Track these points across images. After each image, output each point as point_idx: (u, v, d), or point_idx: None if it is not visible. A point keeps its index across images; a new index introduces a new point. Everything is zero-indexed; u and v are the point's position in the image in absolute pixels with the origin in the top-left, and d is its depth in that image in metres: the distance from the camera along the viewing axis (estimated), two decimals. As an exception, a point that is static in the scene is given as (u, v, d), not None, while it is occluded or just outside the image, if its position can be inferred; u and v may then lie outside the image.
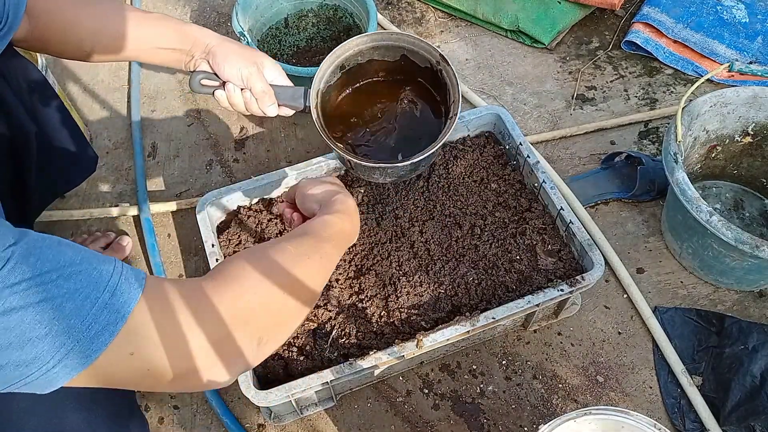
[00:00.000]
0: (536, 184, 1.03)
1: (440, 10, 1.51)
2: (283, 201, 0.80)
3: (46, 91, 0.87)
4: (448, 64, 0.87)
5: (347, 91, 0.95)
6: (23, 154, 0.83)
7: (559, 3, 1.41)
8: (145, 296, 0.49)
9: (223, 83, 0.84)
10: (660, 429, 0.73)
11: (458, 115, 0.85)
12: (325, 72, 0.89)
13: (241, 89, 0.84)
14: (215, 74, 0.83)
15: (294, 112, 0.89)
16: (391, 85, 0.95)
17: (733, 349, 0.96)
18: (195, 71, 0.84)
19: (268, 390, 0.82)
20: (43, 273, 0.44)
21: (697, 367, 0.97)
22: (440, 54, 0.88)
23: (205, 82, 0.84)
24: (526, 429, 0.93)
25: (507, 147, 1.10)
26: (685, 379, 0.95)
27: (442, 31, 1.47)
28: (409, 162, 0.84)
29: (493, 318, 0.87)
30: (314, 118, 0.86)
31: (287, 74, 0.89)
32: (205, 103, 1.35)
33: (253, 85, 0.83)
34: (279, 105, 0.87)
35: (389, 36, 0.90)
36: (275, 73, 0.86)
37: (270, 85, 0.85)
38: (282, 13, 1.31)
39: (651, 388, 0.96)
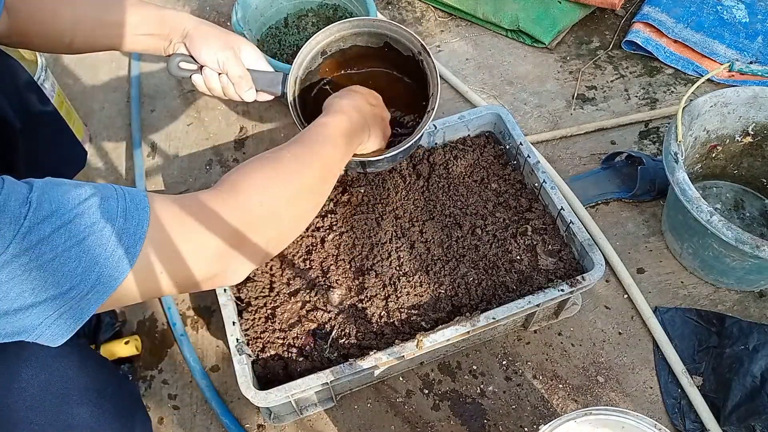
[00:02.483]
0: (536, 184, 1.03)
1: (440, 9, 1.51)
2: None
3: (32, 89, 0.88)
4: (429, 55, 0.87)
5: (328, 77, 0.95)
6: (8, 150, 0.83)
7: (560, 3, 1.41)
8: (155, 213, 0.53)
9: (201, 67, 0.84)
10: (660, 429, 0.73)
11: (435, 108, 0.86)
12: (304, 58, 0.88)
13: (219, 74, 0.84)
14: (193, 58, 0.84)
15: (273, 97, 0.89)
16: (373, 73, 0.95)
17: (733, 350, 0.96)
18: (173, 54, 0.84)
19: (268, 390, 0.82)
20: (65, 212, 0.47)
21: (698, 367, 0.97)
22: (421, 44, 0.87)
23: (183, 65, 0.84)
24: (526, 429, 0.93)
25: (507, 147, 1.10)
26: (685, 379, 0.95)
27: (442, 31, 1.47)
28: (385, 156, 0.85)
29: (494, 318, 0.87)
30: (290, 106, 0.86)
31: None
32: (205, 103, 1.35)
33: (229, 70, 0.83)
34: (257, 90, 0.87)
35: (372, 22, 0.90)
36: (253, 57, 0.86)
37: (248, 70, 0.85)
38: (282, 12, 1.31)
39: (651, 388, 0.96)
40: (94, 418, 0.63)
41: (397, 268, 0.97)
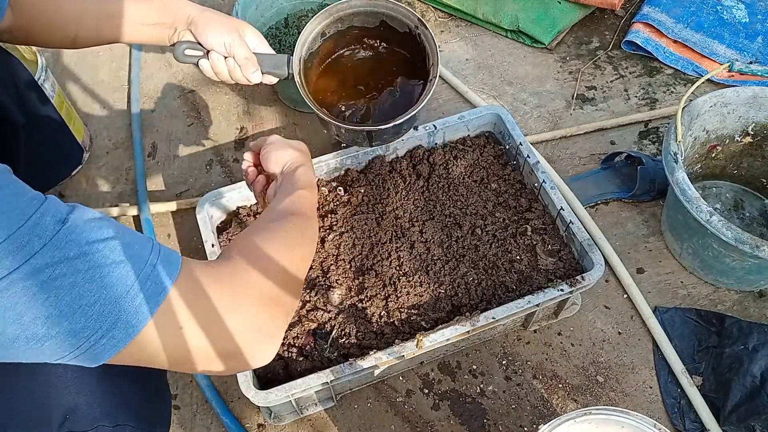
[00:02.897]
0: (536, 184, 1.03)
1: (440, 10, 1.51)
2: (249, 152, 0.84)
3: (33, 87, 0.88)
4: (426, 28, 0.89)
5: (329, 58, 0.98)
6: (12, 146, 0.83)
7: (559, 3, 1.41)
8: (183, 273, 0.50)
9: (207, 52, 0.85)
10: (660, 429, 0.73)
11: (437, 77, 0.89)
12: (306, 39, 0.90)
13: (225, 57, 0.85)
14: (199, 44, 0.85)
15: (277, 80, 0.91)
16: (372, 51, 0.97)
17: (733, 349, 0.96)
18: (178, 42, 0.85)
19: (268, 390, 0.82)
20: (93, 243, 0.45)
21: (697, 367, 0.97)
22: (418, 18, 0.90)
23: (188, 52, 0.85)
24: (526, 429, 0.93)
25: (507, 147, 1.10)
26: (685, 379, 0.95)
27: (442, 31, 1.47)
28: (391, 125, 0.87)
29: (493, 318, 0.87)
30: (298, 84, 0.88)
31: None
32: (205, 103, 1.35)
33: (236, 53, 0.85)
34: (262, 73, 0.89)
35: (367, 2, 0.92)
36: (257, 40, 0.88)
37: (253, 52, 0.87)
38: (282, 12, 1.31)
39: (651, 388, 0.96)
40: (135, 392, 0.65)
41: (397, 268, 0.97)
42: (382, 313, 0.92)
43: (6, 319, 0.42)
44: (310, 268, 0.97)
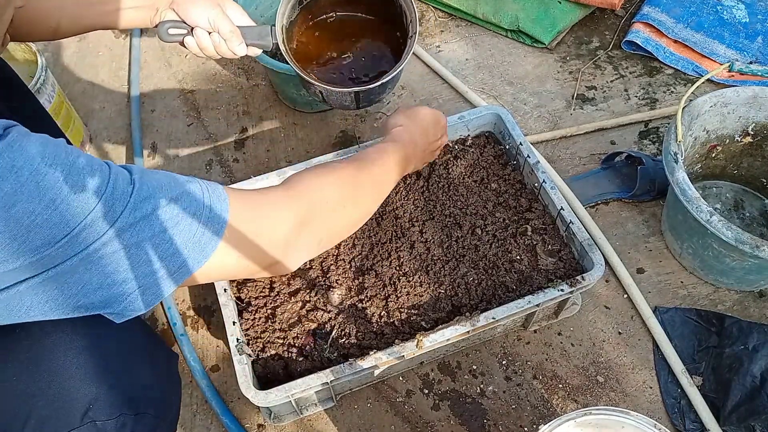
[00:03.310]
0: (536, 184, 1.03)
1: (440, 9, 1.51)
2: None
3: (17, 83, 0.88)
4: None
5: (307, 25, 1.00)
6: None
7: (560, 3, 1.41)
8: (233, 207, 0.58)
9: (191, 29, 0.86)
10: (660, 429, 0.73)
11: (417, 32, 0.92)
12: (285, 8, 0.92)
13: (209, 33, 0.86)
14: (183, 22, 0.85)
15: (261, 51, 0.92)
16: (349, 15, 1.01)
17: (733, 349, 0.96)
18: (162, 21, 0.85)
19: (268, 390, 0.82)
20: (160, 198, 0.53)
21: (697, 367, 0.97)
22: None
23: (172, 31, 0.86)
24: (526, 429, 0.93)
25: (507, 147, 1.10)
26: (685, 379, 0.95)
27: (442, 31, 1.47)
28: (377, 84, 0.90)
29: (493, 318, 0.87)
30: (284, 53, 0.90)
31: (286, 73, 0.90)
32: (205, 103, 1.35)
33: (220, 27, 0.85)
34: (247, 45, 0.90)
35: None
36: (238, 13, 0.89)
37: (236, 26, 0.88)
38: (282, 12, 1.31)
39: (651, 388, 0.96)
40: (154, 378, 0.68)
41: (397, 268, 0.97)
42: (382, 313, 0.92)
43: (108, 268, 0.50)
44: (310, 267, 0.97)
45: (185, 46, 0.88)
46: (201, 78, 1.39)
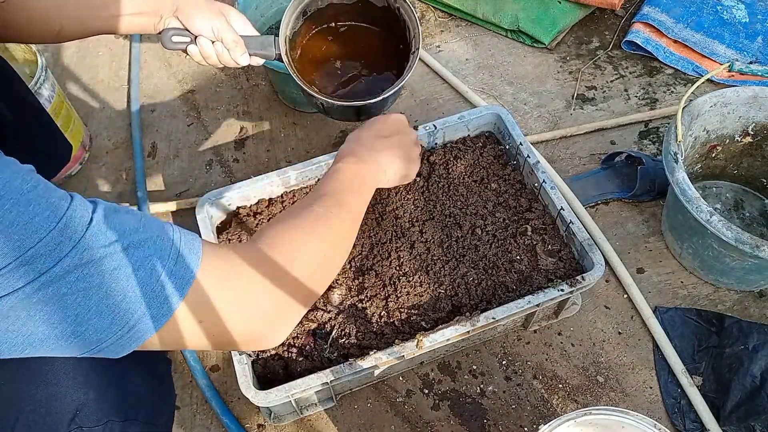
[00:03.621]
0: (536, 184, 1.03)
1: (440, 9, 1.51)
2: None
3: (18, 83, 0.88)
4: (405, 1, 0.91)
5: (310, 36, 1.00)
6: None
7: (560, 3, 1.41)
8: (205, 263, 0.52)
9: (195, 38, 0.86)
10: (660, 429, 0.73)
11: (420, 48, 0.91)
12: (290, 18, 0.92)
13: (213, 42, 0.86)
14: (186, 30, 0.85)
15: (263, 60, 0.92)
16: (352, 28, 1.00)
17: (733, 349, 0.96)
18: (165, 29, 0.85)
19: (268, 390, 0.82)
20: (114, 242, 0.46)
21: (698, 367, 0.97)
22: None
23: (176, 38, 0.86)
24: (526, 429, 0.93)
25: (507, 147, 1.10)
26: (685, 379, 0.95)
27: (442, 31, 1.47)
28: (378, 99, 0.89)
29: (493, 318, 0.87)
30: (286, 64, 0.89)
31: (286, 73, 0.90)
32: (205, 103, 1.35)
33: (223, 36, 0.85)
34: (250, 54, 0.90)
35: None
36: (242, 23, 0.89)
37: (239, 35, 0.88)
38: (282, 12, 1.31)
39: (651, 388, 0.96)
40: (144, 384, 0.66)
41: (397, 268, 0.97)
42: (382, 313, 0.92)
43: (37, 320, 0.44)
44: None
45: (188, 54, 0.88)
46: (201, 78, 1.39)
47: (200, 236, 0.54)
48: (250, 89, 1.37)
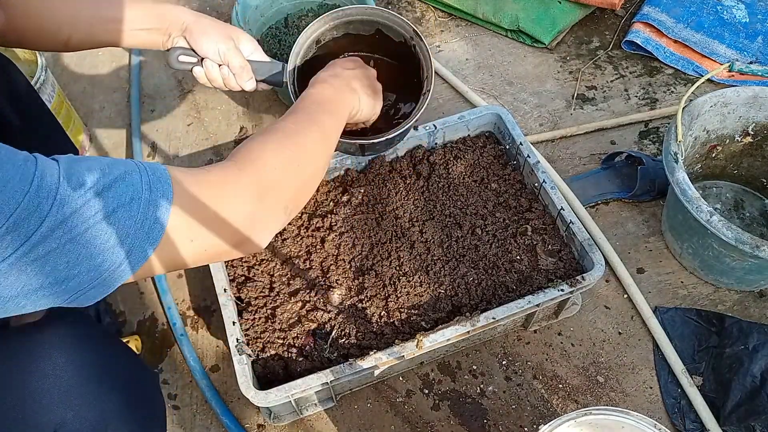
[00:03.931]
0: (536, 184, 1.03)
1: (440, 9, 1.51)
2: None
3: (27, 88, 0.88)
4: (422, 40, 0.89)
5: (324, 65, 0.97)
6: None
7: (560, 3, 1.41)
8: (177, 183, 0.54)
9: (201, 59, 0.85)
10: (660, 429, 0.73)
11: (431, 90, 0.89)
12: (301, 47, 0.90)
13: (219, 65, 0.86)
14: (193, 50, 0.85)
15: (270, 87, 0.91)
16: (365, 60, 0.96)
17: (733, 349, 0.96)
18: (173, 48, 0.85)
19: (268, 390, 0.82)
20: (88, 189, 0.48)
21: (698, 367, 0.97)
22: (413, 29, 0.89)
23: (182, 58, 0.85)
24: (526, 429, 0.93)
25: (507, 147, 1.10)
26: (685, 379, 0.95)
27: (442, 31, 1.47)
28: (383, 139, 0.87)
29: (493, 318, 0.87)
30: (291, 94, 0.88)
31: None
32: (205, 103, 1.35)
33: (230, 61, 0.85)
34: (257, 81, 0.89)
35: (363, 10, 0.91)
36: (251, 48, 0.88)
37: (247, 60, 0.87)
38: (282, 12, 1.31)
39: (651, 388, 0.96)
40: (124, 404, 0.64)
41: (397, 268, 0.97)
42: (382, 313, 0.92)
43: (30, 274, 0.46)
44: (310, 267, 0.97)
45: (194, 75, 0.88)
46: (201, 78, 1.39)
47: (162, 165, 0.56)
48: (250, 89, 1.37)
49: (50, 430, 0.58)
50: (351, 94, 0.80)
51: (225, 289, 0.92)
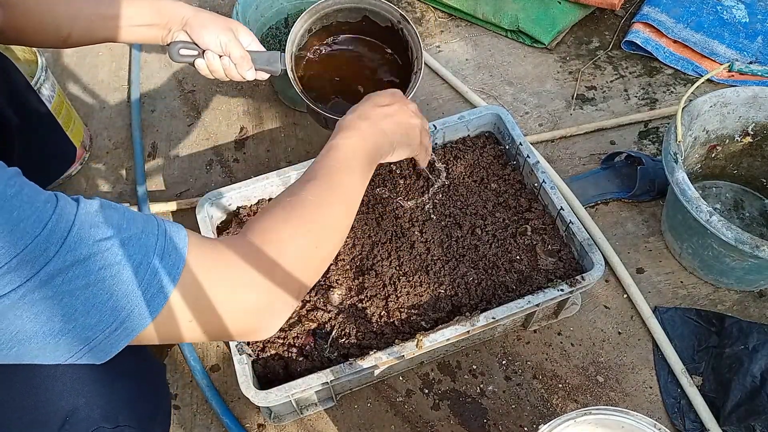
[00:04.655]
0: (536, 184, 1.03)
1: (440, 10, 1.51)
2: None
3: (26, 87, 0.88)
4: (409, 23, 0.94)
5: (316, 54, 1.03)
6: (5, 147, 0.84)
7: (559, 3, 1.41)
8: (192, 256, 0.51)
9: (202, 52, 0.88)
10: (660, 429, 0.73)
11: (422, 69, 0.94)
12: (296, 35, 0.95)
13: (220, 56, 0.88)
14: (194, 44, 0.87)
15: (269, 75, 0.95)
16: (356, 46, 1.03)
17: (733, 349, 0.96)
18: (173, 42, 0.87)
19: (268, 390, 0.82)
20: (99, 241, 0.46)
21: (697, 367, 0.97)
22: (400, 13, 0.95)
23: (183, 51, 0.88)
24: (526, 429, 0.93)
25: (507, 147, 1.10)
26: (685, 379, 0.95)
27: (442, 31, 1.47)
28: None
29: (493, 318, 0.87)
30: (291, 80, 0.92)
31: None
32: (205, 103, 1.35)
33: (231, 51, 0.87)
34: (256, 70, 0.92)
35: None
36: (249, 38, 0.91)
37: (246, 50, 0.90)
38: (282, 12, 1.31)
39: (651, 388, 0.96)
40: (134, 393, 0.65)
41: (397, 267, 0.97)
42: (382, 313, 0.92)
43: (24, 319, 0.44)
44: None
45: (195, 68, 0.90)
46: (201, 78, 1.39)
47: (184, 229, 0.53)
48: (250, 89, 1.37)
49: (62, 417, 0.58)
50: (381, 137, 0.73)
51: (225, 289, 0.92)
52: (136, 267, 0.47)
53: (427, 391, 0.96)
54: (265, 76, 0.94)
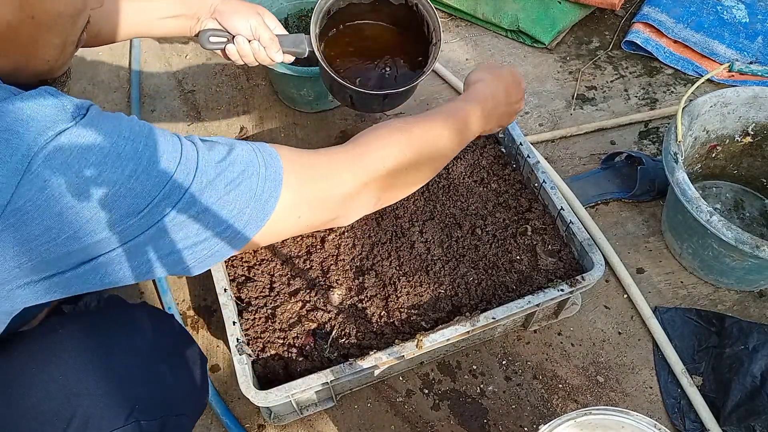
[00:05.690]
0: (536, 184, 1.03)
1: (440, 10, 1.51)
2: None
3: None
4: None
5: (335, 33, 1.06)
6: None
7: (560, 3, 1.41)
8: (287, 167, 0.60)
9: (232, 37, 0.90)
10: (660, 429, 0.73)
11: (441, 39, 0.96)
12: (318, 17, 0.97)
13: (249, 41, 0.91)
14: (223, 30, 0.90)
15: (294, 58, 0.97)
16: (373, 25, 1.06)
17: (733, 349, 0.96)
18: (202, 30, 0.89)
19: (268, 390, 0.82)
20: (218, 162, 0.55)
21: (698, 367, 0.97)
22: None
23: (213, 39, 0.90)
24: (526, 429, 0.93)
25: (507, 147, 1.10)
26: (685, 379, 0.95)
27: (442, 31, 1.47)
28: (407, 87, 0.95)
29: (493, 318, 0.87)
30: (319, 59, 0.94)
31: (288, 74, 0.94)
32: (205, 103, 1.35)
33: (261, 35, 0.90)
34: (283, 52, 0.95)
35: None
36: (274, 23, 0.94)
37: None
38: (282, 13, 1.31)
39: (651, 388, 0.96)
40: (189, 384, 0.69)
41: (397, 268, 0.97)
42: (382, 313, 0.92)
43: (167, 239, 0.53)
44: (310, 267, 0.97)
45: (225, 54, 0.92)
46: (201, 78, 1.39)
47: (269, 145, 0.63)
48: (250, 89, 1.37)
49: (130, 405, 0.61)
50: (487, 126, 0.84)
51: (225, 289, 0.92)
52: (250, 177, 0.57)
53: (427, 391, 0.96)
54: (290, 58, 0.97)
